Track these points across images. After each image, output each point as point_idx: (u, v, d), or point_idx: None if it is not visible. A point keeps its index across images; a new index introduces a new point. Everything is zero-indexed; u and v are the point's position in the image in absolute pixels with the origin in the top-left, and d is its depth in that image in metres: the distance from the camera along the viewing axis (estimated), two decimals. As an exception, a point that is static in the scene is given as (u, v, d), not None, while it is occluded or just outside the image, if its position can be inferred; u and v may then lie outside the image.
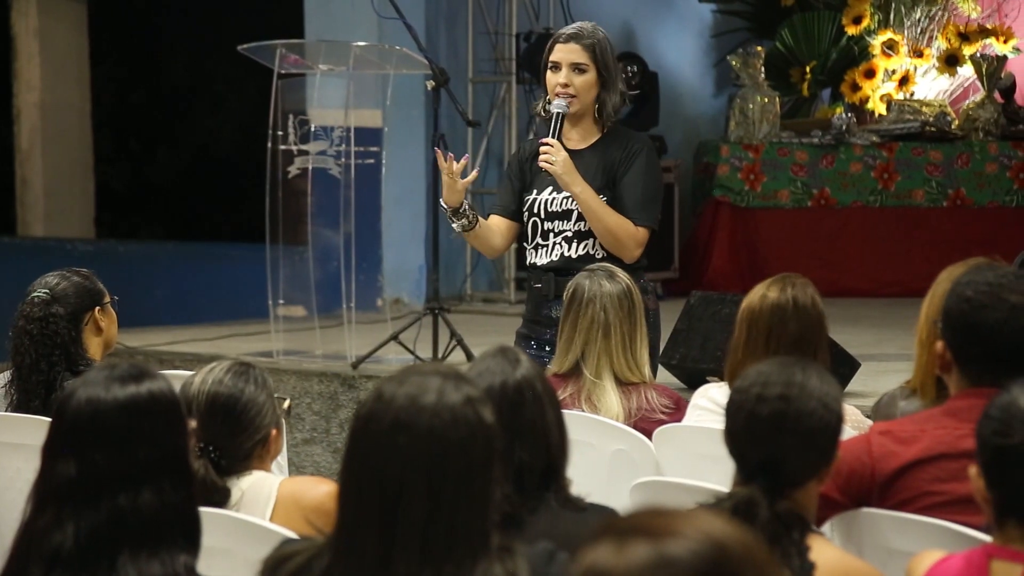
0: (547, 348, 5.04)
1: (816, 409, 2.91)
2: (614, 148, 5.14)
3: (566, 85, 5.10)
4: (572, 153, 5.13)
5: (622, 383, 4.45)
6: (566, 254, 5.12)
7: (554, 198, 5.14)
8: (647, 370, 4.53)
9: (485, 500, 2.37)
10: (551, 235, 5.15)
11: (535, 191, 5.18)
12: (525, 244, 5.24)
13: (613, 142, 5.16)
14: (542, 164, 5.04)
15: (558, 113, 5.08)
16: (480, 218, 5.17)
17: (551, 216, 5.14)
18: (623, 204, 5.07)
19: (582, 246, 5.12)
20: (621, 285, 4.49)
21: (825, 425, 2.92)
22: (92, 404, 2.65)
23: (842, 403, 3.00)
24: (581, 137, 5.19)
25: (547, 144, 5.04)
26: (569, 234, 5.13)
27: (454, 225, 5.15)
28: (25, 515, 2.69)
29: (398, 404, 2.37)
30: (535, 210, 5.17)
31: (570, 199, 5.09)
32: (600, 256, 5.06)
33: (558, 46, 5.14)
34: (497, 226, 5.23)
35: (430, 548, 2.32)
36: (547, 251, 5.15)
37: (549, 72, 5.15)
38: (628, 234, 5.06)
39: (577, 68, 5.10)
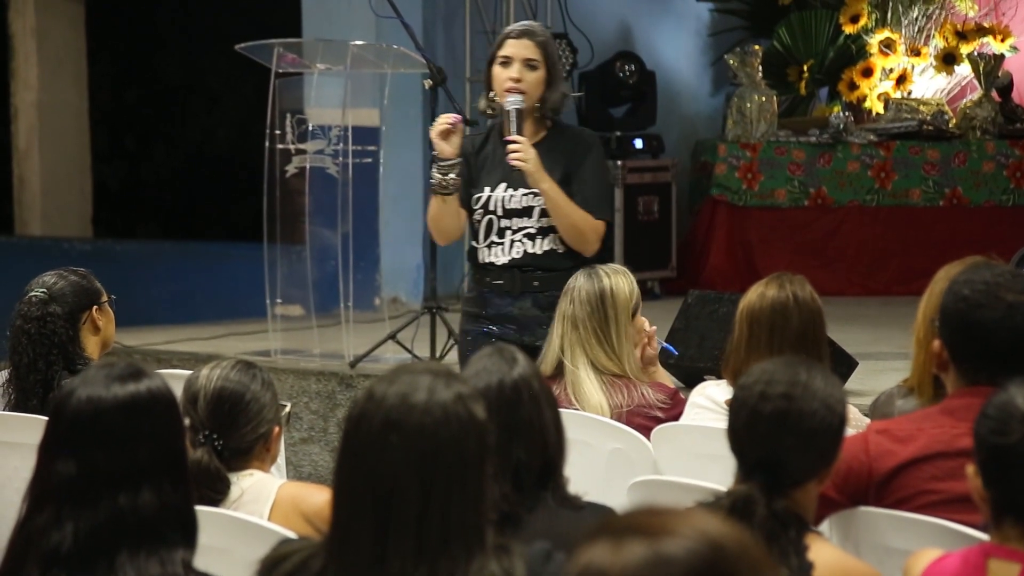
0: (491, 340, 5.01)
1: (818, 410, 2.90)
2: (567, 144, 5.13)
3: (518, 80, 5.08)
4: None
5: (604, 373, 4.46)
6: (530, 251, 5.10)
7: (511, 195, 5.11)
8: (630, 361, 4.52)
9: (479, 497, 2.37)
10: (508, 232, 5.12)
11: (486, 188, 5.14)
12: (475, 243, 5.19)
13: (564, 139, 5.15)
14: (513, 162, 4.99)
15: (517, 110, 5.07)
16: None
17: (509, 213, 5.11)
18: (581, 198, 5.07)
19: (546, 241, 5.11)
20: (595, 283, 4.51)
21: (827, 427, 2.92)
22: (93, 403, 2.63)
23: (846, 406, 2.99)
24: (526, 135, 5.17)
25: (516, 141, 5.02)
26: (532, 231, 5.10)
27: (442, 178, 5.05)
28: (21, 514, 2.66)
29: (389, 403, 2.38)
30: (490, 207, 5.13)
31: (530, 196, 5.07)
32: (562, 251, 5.09)
33: (509, 41, 5.13)
34: (460, 212, 5.19)
35: (424, 545, 2.32)
36: (504, 248, 5.12)
37: (497, 67, 5.12)
38: (591, 227, 5.07)
39: (529, 64, 5.09)
